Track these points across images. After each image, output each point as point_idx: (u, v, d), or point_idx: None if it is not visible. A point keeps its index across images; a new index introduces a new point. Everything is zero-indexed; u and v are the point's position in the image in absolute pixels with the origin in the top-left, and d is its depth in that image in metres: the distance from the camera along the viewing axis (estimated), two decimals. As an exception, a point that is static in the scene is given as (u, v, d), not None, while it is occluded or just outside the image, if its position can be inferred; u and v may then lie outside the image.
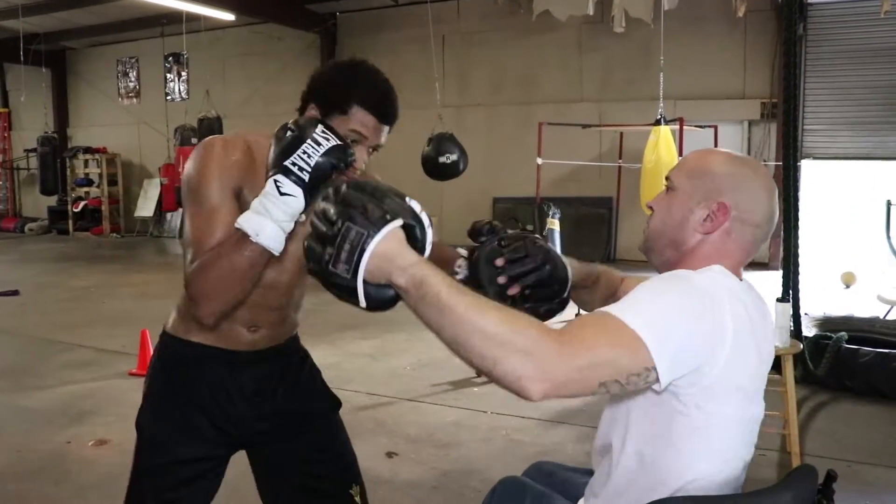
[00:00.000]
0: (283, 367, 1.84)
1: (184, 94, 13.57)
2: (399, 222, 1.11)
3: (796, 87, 4.02)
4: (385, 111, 1.64)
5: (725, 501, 1.25)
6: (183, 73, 13.65)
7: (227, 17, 10.36)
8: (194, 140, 10.14)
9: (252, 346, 1.75)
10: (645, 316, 1.17)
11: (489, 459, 3.56)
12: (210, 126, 9.95)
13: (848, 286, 8.10)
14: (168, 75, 13.87)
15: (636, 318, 1.16)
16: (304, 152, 1.42)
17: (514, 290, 1.49)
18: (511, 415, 4.20)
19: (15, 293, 7.86)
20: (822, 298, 6.77)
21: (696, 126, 8.33)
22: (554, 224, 7.63)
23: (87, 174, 14.08)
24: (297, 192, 1.42)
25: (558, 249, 6.50)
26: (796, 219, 4.31)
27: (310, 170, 1.42)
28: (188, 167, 1.59)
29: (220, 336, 1.72)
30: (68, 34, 13.32)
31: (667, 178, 1.42)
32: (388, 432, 3.94)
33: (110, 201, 13.92)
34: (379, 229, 1.08)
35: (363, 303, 1.11)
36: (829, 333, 4.66)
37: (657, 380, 1.16)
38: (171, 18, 11.10)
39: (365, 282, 1.09)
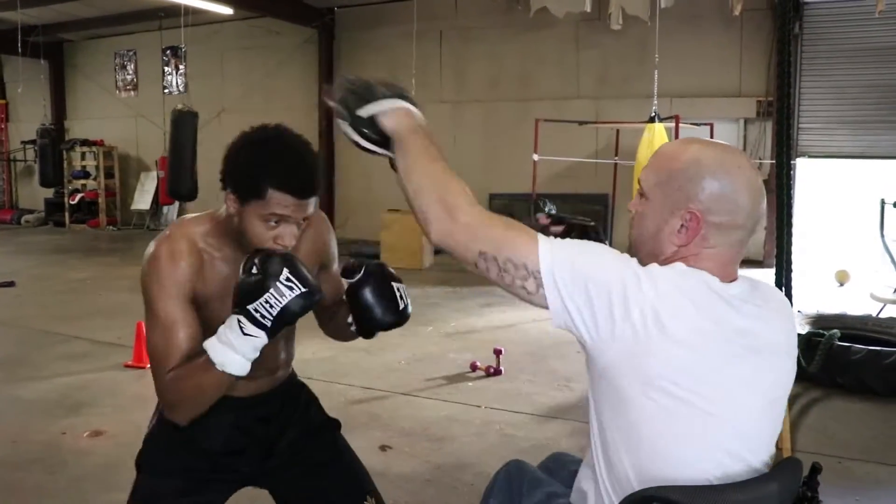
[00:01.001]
0: (283, 404, 1.91)
1: (181, 88, 13.55)
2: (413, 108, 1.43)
3: (790, 86, 4.02)
4: (303, 188, 1.57)
5: (709, 492, 1.23)
6: (181, 67, 13.63)
7: (226, 10, 10.35)
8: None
9: (254, 391, 1.82)
10: (556, 241, 1.27)
11: (482, 453, 3.59)
12: (182, 120, 9.46)
13: (842, 284, 8.14)
14: (166, 68, 13.84)
15: (549, 240, 1.26)
16: (267, 301, 1.43)
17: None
18: (505, 409, 4.22)
19: (11, 284, 7.87)
20: (816, 296, 6.81)
21: (691, 124, 8.35)
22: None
23: (83, 166, 14.06)
24: (260, 333, 1.46)
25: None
26: (790, 217, 4.32)
27: (272, 318, 1.44)
28: (142, 277, 1.64)
29: None
30: (66, 26, 13.28)
31: (639, 182, 1.38)
32: (382, 426, 3.96)
33: (107, 194, 13.89)
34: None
35: (359, 140, 1.41)
36: (821, 331, 4.69)
37: (539, 292, 1.23)
38: (170, 12, 11.08)
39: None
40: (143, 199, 13.77)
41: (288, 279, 1.44)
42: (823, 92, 9.20)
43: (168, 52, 13.57)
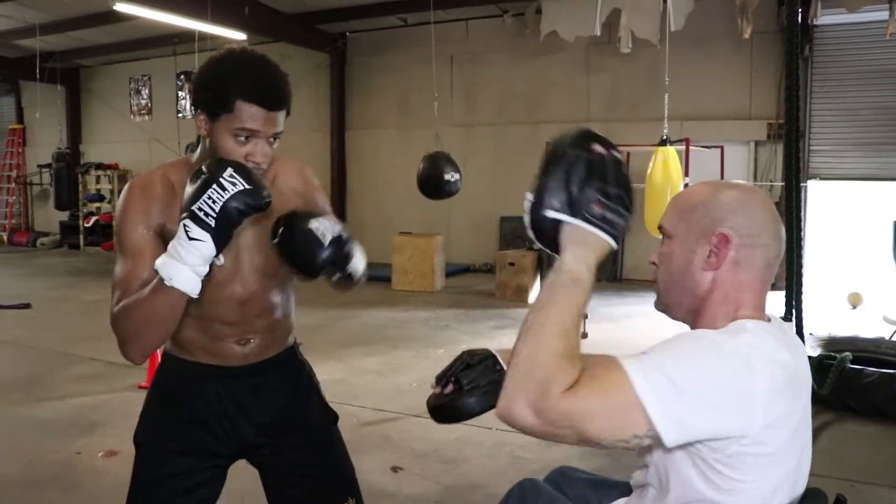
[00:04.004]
0: (278, 380, 1.86)
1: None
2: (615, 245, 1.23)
3: (798, 109, 4.06)
4: (272, 98, 1.58)
5: None
6: (195, 91, 13.79)
7: (239, 36, 10.48)
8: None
9: (245, 360, 1.79)
10: (655, 378, 1.12)
11: (493, 475, 3.59)
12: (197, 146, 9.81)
13: (854, 307, 8.10)
14: (180, 93, 14.01)
15: (644, 379, 1.11)
16: (210, 197, 1.41)
17: None
18: (515, 432, 4.22)
19: (27, 306, 7.94)
20: (829, 318, 6.78)
21: (702, 146, 8.37)
22: (561, 243, 7.65)
23: (98, 190, 14.22)
24: (206, 236, 1.42)
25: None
26: (800, 238, 4.35)
27: (215, 215, 1.41)
28: (116, 210, 1.66)
29: (213, 353, 1.77)
30: (83, 52, 13.50)
31: (660, 228, 1.37)
32: (393, 447, 3.97)
33: (121, 217, 14.01)
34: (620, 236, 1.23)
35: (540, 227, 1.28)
36: (833, 353, 4.67)
37: (660, 442, 1.13)
38: (184, 38, 11.23)
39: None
40: (156, 222, 13.87)
41: (231, 175, 1.42)
42: (834, 114, 9.22)
43: (182, 76, 13.74)
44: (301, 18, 11.11)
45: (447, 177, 7.23)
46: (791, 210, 4.18)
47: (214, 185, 1.41)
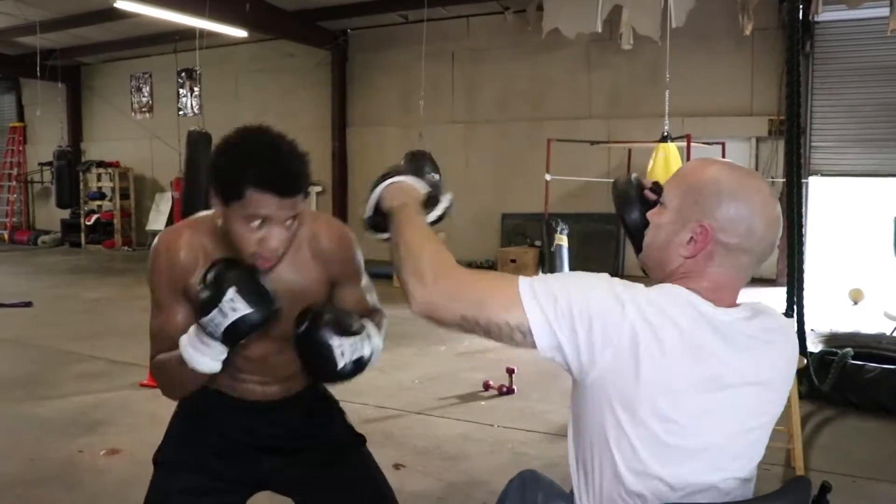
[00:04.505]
0: (300, 412, 1.87)
1: (196, 110, 13.71)
2: (426, 188, 1.59)
3: (800, 106, 4.06)
4: (284, 185, 1.52)
5: None
6: (195, 89, 13.80)
7: (240, 33, 10.49)
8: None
9: (265, 398, 1.81)
10: (540, 281, 1.26)
11: (495, 472, 3.59)
12: (197, 142, 9.69)
13: (856, 303, 8.10)
14: (180, 90, 14.01)
15: (530, 280, 1.27)
16: (213, 320, 1.48)
17: None
18: (517, 428, 4.23)
19: (28, 305, 7.94)
20: (830, 314, 6.78)
21: (703, 143, 8.37)
22: (562, 240, 7.68)
23: (99, 188, 14.23)
24: (216, 344, 1.52)
25: (566, 265, 6.57)
26: (801, 235, 4.34)
27: (220, 337, 1.50)
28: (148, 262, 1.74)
29: (235, 388, 1.79)
30: (83, 50, 13.52)
31: (663, 189, 1.39)
32: (395, 444, 3.97)
33: (122, 215, 14.04)
34: (409, 174, 1.60)
35: (368, 212, 1.61)
36: (834, 349, 4.67)
37: (530, 342, 1.24)
38: (185, 35, 11.24)
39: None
40: (158, 220, 13.88)
41: (231, 300, 1.47)
42: (835, 111, 9.22)
43: (183, 74, 13.74)
44: (302, 15, 11.12)
45: (427, 177, 7.25)
46: (792, 206, 4.18)
47: (218, 310, 1.47)
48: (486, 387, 4.92)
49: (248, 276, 1.52)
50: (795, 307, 4.27)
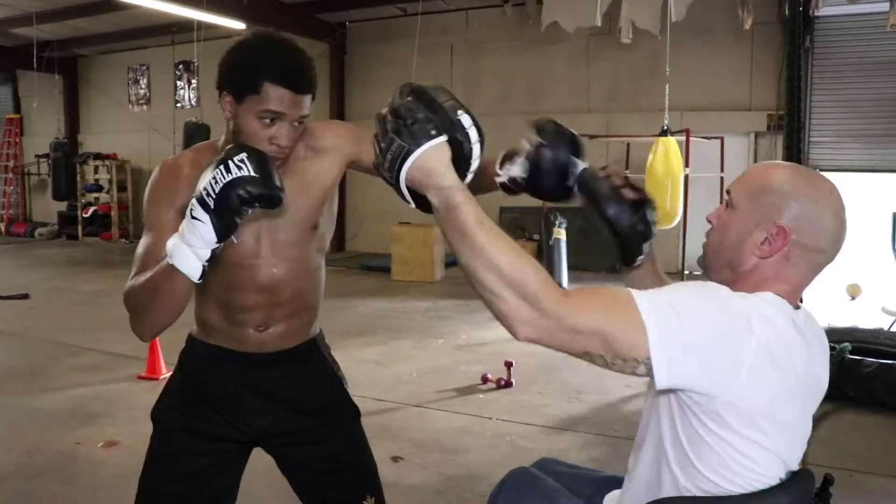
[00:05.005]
0: (296, 371, 1.84)
1: (193, 102, 13.67)
2: (443, 139, 1.19)
3: (800, 100, 4.05)
4: (299, 81, 1.59)
5: (721, 503, 1.25)
6: (193, 81, 13.75)
7: (238, 25, 10.44)
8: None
9: (260, 348, 1.78)
10: (662, 310, 1.16)
11: (494, 465, 3.59)
12: (193, 131, 9.68)
13: (853, 298, 8.11)
14: (178, 83, 13.97)
15: (651, 307, 1.16)
16: (214, 178, 1.36)
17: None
18: (516, 421, 4.23)
19: (25, 297, 7.93)
20: (828, 309, 6.79)
21: (702, 137, 8.36)
22: (560, 234, 7.66)
23: (96, 180, 14.18)
24: (205, 217, 1.37)
25: (564, 259, 6.56)
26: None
27: (215, 196, 1.35)
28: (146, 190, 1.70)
29: (232, 338, 1.78)
30: (80, 41, 13.46)
31: (727, 192, 1.38)
32: (393, 437, 3.97)
33: (119, 207, 14.00)
34: (420, 145, 1.16)
35: (412, 204, 1.22)
36: (832, 344, 4.67)
37: (650, 376, 1.16)
38: (182, 27, 11.19)
39: (409, 188, 1.18)
40: (155, 212, 13.85)
41: (241, 160, 1.36)
42: (834, 106, 9.21)
43: (180, 66, 13.69)
44: (300, 7, 11.08)
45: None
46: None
47: (221, 167, 1.36)
48: (485, 380, 4.92)
49: (261, 154, 1.42)
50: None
